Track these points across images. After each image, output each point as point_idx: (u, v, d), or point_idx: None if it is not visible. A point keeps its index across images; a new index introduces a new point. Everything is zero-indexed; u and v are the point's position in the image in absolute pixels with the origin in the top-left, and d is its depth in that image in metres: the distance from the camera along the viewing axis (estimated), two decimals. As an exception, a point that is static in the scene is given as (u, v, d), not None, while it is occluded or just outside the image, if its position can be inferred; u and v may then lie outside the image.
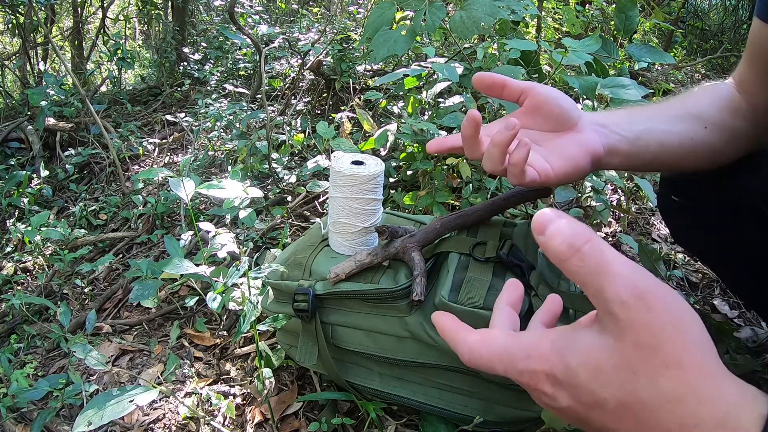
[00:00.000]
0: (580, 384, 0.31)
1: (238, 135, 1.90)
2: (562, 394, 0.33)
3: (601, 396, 0.31)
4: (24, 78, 3.08)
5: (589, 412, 0.32)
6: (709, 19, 4.77)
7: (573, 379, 0.32)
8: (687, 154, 0.66)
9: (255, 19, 2.68)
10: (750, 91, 0.68)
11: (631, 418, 0.30)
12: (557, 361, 0.33)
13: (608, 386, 0.31)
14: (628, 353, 0.30)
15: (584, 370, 0.31)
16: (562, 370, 0.32)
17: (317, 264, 0.84)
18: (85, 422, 0.65)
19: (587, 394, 0.31)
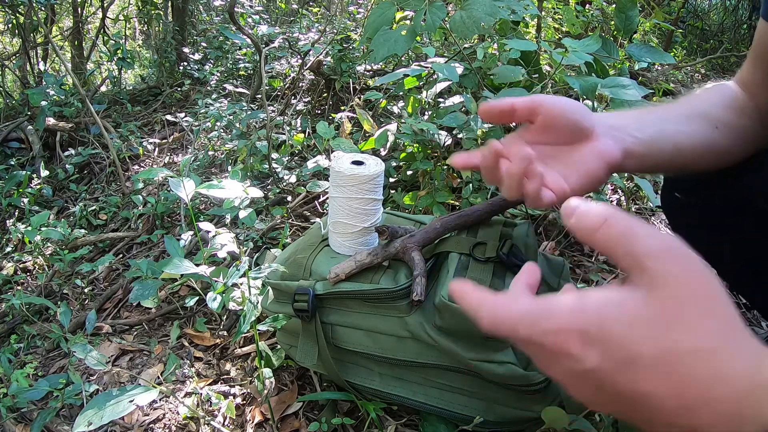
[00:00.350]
0: (614, 338, 0.30)
1: (238, 135, 1.90)
2: (591, 352, 0.31)
3: (636, 350, 0.30)
4: (24, 78, 3.08)
5: (619, 371, 0.31)
6: (709, 19, 4.77)
7: (606, 333, 0.31)
8: (700, 155, 0.65)
9: (255, 19, 2.68)
10: (754, 92, 0.68)
11: (665, 374, 0.30)
12: (590, 315, 0.32)
13: (643, 340, 0.30)
14: (662, 305, 0.30)
15: (618, 324, 0.31)
16: (596, 323, 0.31)
17: (317, 264, 0.84)
18: (85, 422, 0.65)
19: (620, 349, 0.30)
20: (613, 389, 0.31)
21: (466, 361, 0.72)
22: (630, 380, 0.30)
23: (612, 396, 0.32)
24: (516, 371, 0.70)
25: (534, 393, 0.72)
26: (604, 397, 0.33)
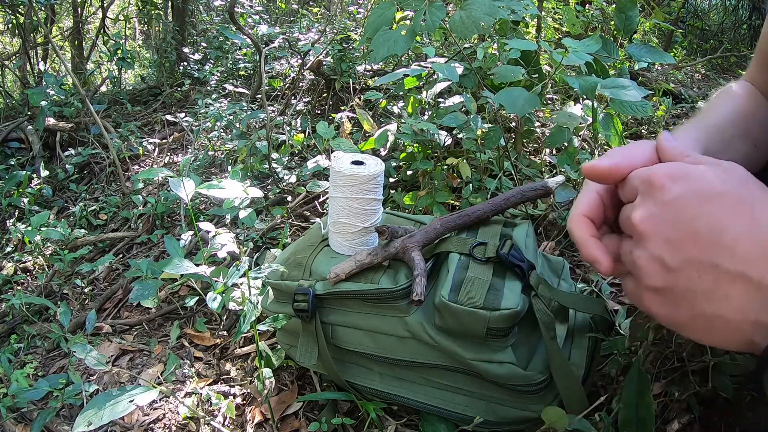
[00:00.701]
0: (704, 174, 0.35)
1: (238, 135, 1.90)
2: (679, 184, 0.35)
3: (723, 186, 0.34)
4: (24, 78, 3.08)
5: (703, 203, 0.34)
6: (709, 19, 4.77)
7: (698, 170, 0.36)
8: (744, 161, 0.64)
9: (255, 19, 2.68)
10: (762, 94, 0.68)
11: (746, 214, 0.33)
12: (684, 155, 0.38)
13: (730, 180, 0.35)
14: (742, 170, 0.36)
15: (709, 164, 0.36)
16: (692, 161, 0.37)
17: (317, 264, 0.84)
18: (85, 422, 0.65)
19: (708, 183, 0.35)
20: (691, 225, 0.34)
21: (466, 361, 0.72)
22: (711, 213, 0.34)
23: (688, 234, 0.34)
24: (516, 371, 0.70)
25: (534, 393, 0.72)
26: (679, 237, 0.34)
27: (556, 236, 1.30)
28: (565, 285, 0.88)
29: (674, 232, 0.35)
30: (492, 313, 0.69)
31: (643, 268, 0.36)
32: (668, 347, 0.83)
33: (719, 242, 0.33)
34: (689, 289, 0.34)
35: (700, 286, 0.34)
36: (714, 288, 0.33)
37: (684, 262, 0.34)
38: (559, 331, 0.75)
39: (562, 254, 1.27)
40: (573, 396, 0.69)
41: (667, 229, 0.35)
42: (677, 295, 0.35)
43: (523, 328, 0.75)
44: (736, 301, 0.33)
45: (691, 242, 0.34)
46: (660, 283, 0.35)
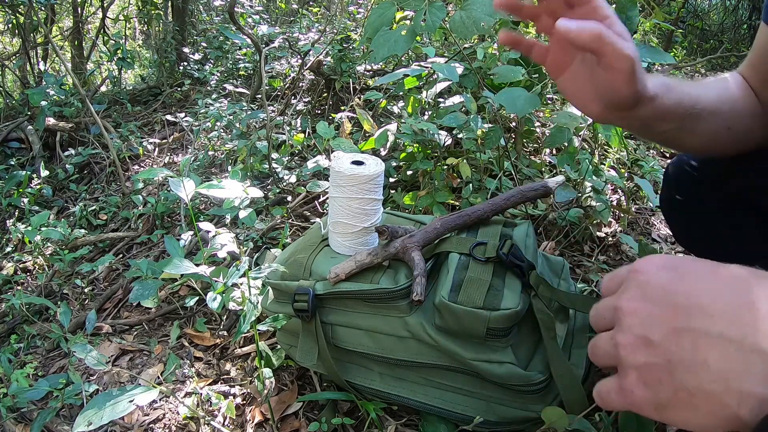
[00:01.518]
0: (685, 258, 0.36)
1: (238, 135, 1.90)
2: (663, 267, 0.36)
3: (691, 265, 0.35)
4: (24, 78, 3.08)
5: (686, 274, 0.35)
6: (709, 19, 4.77)
7: (677, 257, 0.37)
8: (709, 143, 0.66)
9: (255, 19, 2.68)
10: (756, 92, 0.69)
11: (724, 271, 0.34)
12: (662, 256, 0.38)
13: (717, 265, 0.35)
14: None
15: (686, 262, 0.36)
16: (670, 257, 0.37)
17: (317, 264, 0.84)
18: (85, 422, 0.65)
19: (691, 260, 0.36)
20: (672, 300, 0.34)
21: (466, 361, 0.72)
22: (689, 282, 0.34)
23: (668, 311, 0.34)
24: (516, 371, 0.70)
25: (534, 393, 0.72)
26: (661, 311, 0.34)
27: (556, 236, 1.30)
28: (565, 285, 0.89)
29: (656, 307, 0.34)
30: (492, 313, 0.69)
31: (627, 346, 0.35)
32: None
33: (696, 306, 0.32)
34: (669, 361, 0.32)
35: (680, 355, 0.32)
36: (693, 355, 0.31)
37: (666, 335, 0.33)
38: (559, 331, 0.75)
39: (562, 254, 1.27)
40: (573, 396, 0.69)
41: (649, 306, 0.35)
42: (659, 370, 0.33)
43: (523, 328, 0.75)
44: (715, 367, 0.31)
45: (671, 313, 0.33)
46: (642, 359, 0.34)
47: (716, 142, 0.66)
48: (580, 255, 1.29)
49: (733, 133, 0.65)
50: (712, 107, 0.64)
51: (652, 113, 0.58)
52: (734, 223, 0.77)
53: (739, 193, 0.74)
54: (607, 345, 0.37)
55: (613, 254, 1.31)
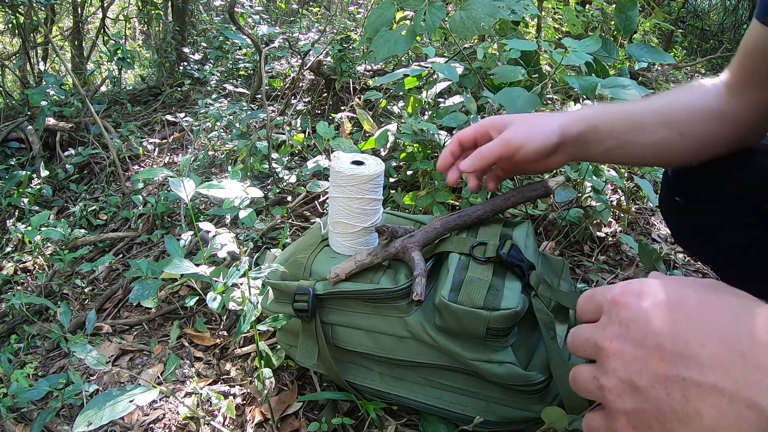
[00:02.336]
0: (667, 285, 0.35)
1: (238, 135, 1.90)
2: (644, 299, 0.34)
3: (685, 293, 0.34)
4: (24, 78, 3.08)
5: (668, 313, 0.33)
6: (709, 19, 4.78)
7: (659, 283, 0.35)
8: (657, 158, 0.72)
9: (255, 19, 2.68)
10: (737, 92, 0.68)
11: (712, 316, 0.32)
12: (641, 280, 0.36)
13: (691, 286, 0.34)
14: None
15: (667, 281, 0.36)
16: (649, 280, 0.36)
17: (317, 264, 0.84)
18: (85, 422, 0.65)
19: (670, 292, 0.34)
20: (656, 341, 0.32)
21: (466, 361, 0.72)
22: (673, 323, 0.32)
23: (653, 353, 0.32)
24: (516, 371, 0.70)
25: (534, 393, 0.72)
26: (645, 355, 0.33)
27: (556, 236, 1.30)
28: (565, 285, 0.88)
29: (640, 349, 0.33)
30: (492, 313, 0.69)
31: (612, 391, 0.33)
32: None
33: (684, 353, 0.31)
34: (659, 409, 0.31)
35: (670, 405, 0.31)
36: (684, 405, 0.30)
37: (652, 380, 0.32)
38: (559, 331, 0.75)
39: (562, 254, 1.27)
40: (573, 396, 0.69)
41: (633, 347, 0.33)
42: (649, 417, 0.32)
43: (523, 328, 0.75)
44: (708, 420, 0.29)
45: (657, 358, 0.32)
46: (630, 404, 0.33)
47: (669, 151, 0.69)
48: (580, 255, 1.29)
49: (687, 138, 0.67)
50: (658, 116, 0.68)
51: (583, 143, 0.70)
52: (734, 223, 0.77)
53: (739, 193, 0.74)
54: (590, 384, 0.36)
55: (613, 254, 1.31)
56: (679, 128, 0.67)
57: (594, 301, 0.38)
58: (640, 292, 0.34)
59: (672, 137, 0.67)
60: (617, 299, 0.35)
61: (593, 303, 0.38)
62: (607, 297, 0.36)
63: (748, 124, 0.68)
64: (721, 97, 0.69)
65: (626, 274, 1.22)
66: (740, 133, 0.69)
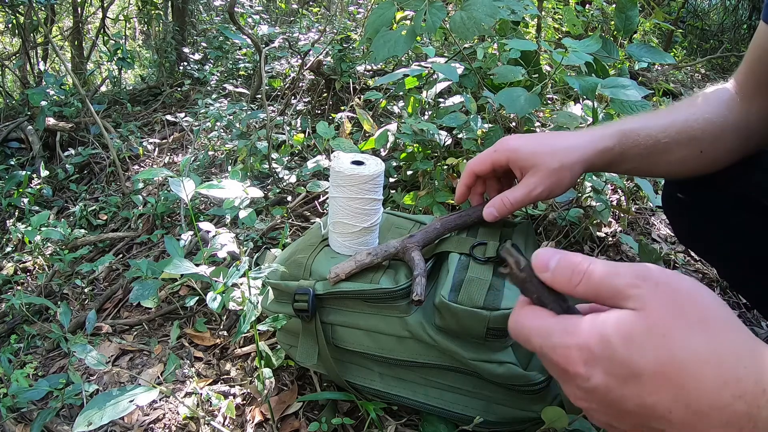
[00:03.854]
0: (615, 354, 0.31)
1: (238, 135, 1.90)
2: (596, 370, 0.32)
3: (637, 364, 0.31)
4: (24, 78, 3.08)
5: (624, 386, 0.31)
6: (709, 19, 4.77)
7: (607, 350, 0.32)
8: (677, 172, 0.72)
9: (255, 19, 2.68)
10: (750, 98, 0.68)
11: (672, 385, 0.30)
12: (592, 333, 0.33)
13: (643, 352, 0.31)
14: (656, 319, 0.31)
15: (617, 338, 0.31)
16: (597, 341, 0.32)
17: (317, 264, 0.84)
18: (85, 422, 0.65)
19: (622, 365, 0.31)
20: (622, 406, 0.32)
21: (466, 361, 0.72)
22: (636, 395, 0.31)
23: (622, 412, 0.32)
24: (516, 371, 0.70)
25: (534, 393, 0.72)
26: (616, 414, 0.33)
27: (556, 236, 1.30)
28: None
29: (609, 411, 0.33)
30: (492, 313, 0.69)
31: (598, 422, 0.36)
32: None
33: (654, 416, 0.31)
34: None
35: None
36: None
37: (632, 426, 0.33)
38: (559, 331, 0.75)
39: (562, 254, 1.27)
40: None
41: (601, 409, 0.34)
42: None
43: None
44: None
45: (628, 418, 0.33)
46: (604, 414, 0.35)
47: (687, 167, 0.70)
48: (579, 254, 1.28)
49: (706, 154, 0.68)
50: (682, 136, 0.67)
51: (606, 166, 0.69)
52: (739, 221, 0.76)
53: (744, 191, 0.74)
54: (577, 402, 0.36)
55: (613, 254, 1.31)
56: (700, 146, 0.67)
57: (530, 346, 0.36)
58: (592, 358, 0.33)
59: (693, 154, 0.67)
60: (568, 368, 0.34)
61: (530, 345, 0.37)
62: (558, 363, 0.34)
63: (763, 130, 0.68)
64: (736, 106, 0.69)
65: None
66: (756, 141, 0.69)
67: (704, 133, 0.67)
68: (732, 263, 0.84)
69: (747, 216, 0.74)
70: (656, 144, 0.67)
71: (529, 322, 0.36)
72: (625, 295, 0.32)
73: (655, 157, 0.67)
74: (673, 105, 0.73)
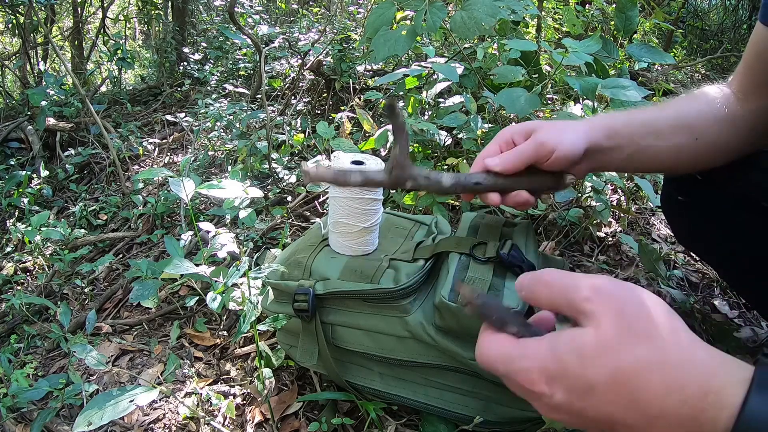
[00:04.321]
0: (569, 371, 0.34)
1: (238, 135, 1.90)
2: (556, 388, 0.35)
3: (591, 378, 0.33)
4: (24, 78, 3.08)
5: (584, 399, 0.34)
6: (709, 19, 4.77)
7: (563, 368, 0.34)
8: (673, 163, 0.71)
9: (255, 19, 2.68)
10: (748, 97, 0.69)
11: (623, 394, 0.33)
12: (548, 354, 0.35)
13: (594, 367, 0.33)
14: (604, 334, 0.33)
15: (571, 356, 0.34)
16: (553, 361, 0.35)
17: (317, 264, 0.84)
18: (85, 422, 0.65)
19: (578, 380, 0.34)
20: (586, 415, 0.35)
21: (466, 361, 0.72)
22: (593, 406, 0.34)
23: (588, 420, 0.35)
24: (516, 371, 0.70)
25: (534, 393, 0.72)
26: (584, 422, 0.36)
27: (556, 236, 1.30)
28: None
29: (578, 421, 0.36)
30: (492, 313, 0.69)
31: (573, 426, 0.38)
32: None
33: (614, 422, 0.34)
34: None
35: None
36: None
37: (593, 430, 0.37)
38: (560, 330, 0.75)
39: (562, 254, 1.27)
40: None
41: (571, 420, 0.36)
42: None
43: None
44: None
45: (594, 424, 0.35)
46: None
47: (686, 155, 0.69)
48: (580, 255, 1.29)
49: (702, 143, 0.67)
50: (673, 121, 0.67)
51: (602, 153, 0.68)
52: (738, 222, 0.76)
53: (743, 192, 0.74)
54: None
55: (613, 254, 1.31)
56: (694, 133, 0.67)
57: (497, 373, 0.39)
58: (552, 375, 0.35)
59: (688, 142, 0.67)
60: (533, 387, 0.36)
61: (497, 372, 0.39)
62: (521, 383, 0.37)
63: (760, 128, 0.68)
64: (732, 103, 0.69)
65: (626, 274, 1.22)
66: (753, 138, 0.69)
67: (697, 121, 0.68)
68: (731, 263, 0.84)
69: (746, 216, 0.74)
70: (650, 125, 0.67)
71: (492, 351, 0.39)
72: (580, 310, 0.35)
73: (652, 139, 0.67)
74: (662, 102, 0.73)
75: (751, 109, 0.68)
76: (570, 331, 0.35)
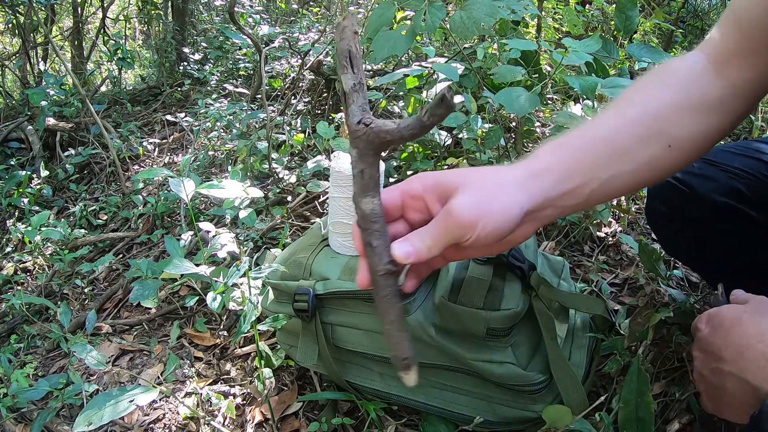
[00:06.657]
0: (717, 318, 0.57)
1: (238, 135, 1.89)
2: (707, 327, 0.58)
3: (737, 313, 0.56)
4: (24, 78, 3.08)
5: (729, 331, 0.54)
6: (709, 19, 4.77)
7: (717, 318, 0.57)
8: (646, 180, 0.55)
9: (255, 19, 2.68)
10: (730, 68, 0.55)
11: (730, 333, 0.54)
12: (709, 312, 0.59)
13: (743, 309, 0.56)
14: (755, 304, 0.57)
15: (720, 314, 0.57)
16: (713, 313, 0.58)
17: (317, 264, 0.84)
18: (85, 422, 0.65)
19: (723, 315, 0.57)
20: (709, 349, 0.56)
21: (466, 361, 0.72)
22: (721, 337, 0.54)
23: (714, 353, 0.55)
24: (516, 371, 0.70)
25: (534, 393, 0.72)
26: (711, 355, 0.55)
27: (556, 236, 1.30)
28: (565, 285, 0.88)
29: (702, 354, 0.57)
30: (492, 314, 0.69)
31: (698, 376, 0.59)
32: (668, 347, 0.83)
33: (718, 354, 0.54)
34: (711, 383, 0.56)
35: (714, 383, 0.55)
36: (720, 382, 0.54)
37: (708, 371, 0.56)
38: (560, 331, 0.75)
39: (562, 254, 1.27)
40: (573, 396, 0.69)
41: (700, 355, 0.58)
42: (711, 388, 0.56)
43: (523, 328, 0.75)
44: (730, 390, 0.53)
45: (708, 359, 0.56)
46: (704, 385, 0.58)
47: (658, 168, 0.54)
48: (580, 255, 1.28)
49: (675, 149, 0.53)
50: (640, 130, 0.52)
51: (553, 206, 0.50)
52: (721, 230, 0.77)
53: (725, 200, 0.74)
54: None
55: (613, 254, 1.30)
56: (666, 140, 0.53)
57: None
58: (705, 319, 0.58)
59: (660, 153, 0.53)
60: (697, 325, 0.59)
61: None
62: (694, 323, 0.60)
63: (737, 106, 0.57)
64: (707, 80, 0.55)
65: (626, 274, 1.22)
66: (734, 117, 0.57)
67: (668, 124, 0.53)
68: (716, 270, 0.84)
69: (730, 224, 0.75)
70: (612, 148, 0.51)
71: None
72: None
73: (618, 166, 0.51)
74: (622, 96, 0.56)
75: (733, 80, 0.55)
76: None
